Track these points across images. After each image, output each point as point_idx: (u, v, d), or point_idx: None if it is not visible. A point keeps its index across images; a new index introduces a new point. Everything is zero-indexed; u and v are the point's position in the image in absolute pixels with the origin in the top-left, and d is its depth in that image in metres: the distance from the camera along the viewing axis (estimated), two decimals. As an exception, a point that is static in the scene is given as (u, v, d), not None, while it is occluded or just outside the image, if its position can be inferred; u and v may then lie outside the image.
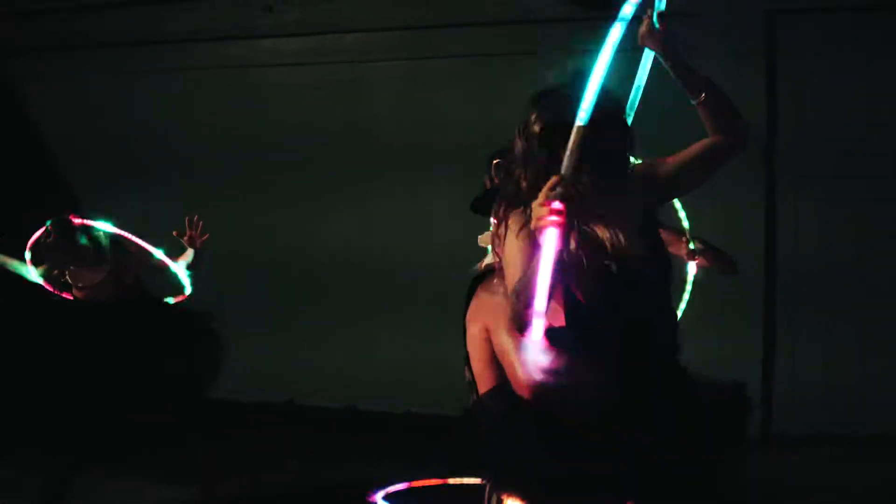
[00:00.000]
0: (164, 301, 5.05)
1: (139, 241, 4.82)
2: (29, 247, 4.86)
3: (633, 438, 2.36)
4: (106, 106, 7.90)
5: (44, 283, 4.90)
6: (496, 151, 2.86)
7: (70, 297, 4.91)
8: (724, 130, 2.54)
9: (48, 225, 4.75)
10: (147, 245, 4.82)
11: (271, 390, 7.37)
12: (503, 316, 2.46)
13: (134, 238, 4.84)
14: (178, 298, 5.03)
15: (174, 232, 4.84)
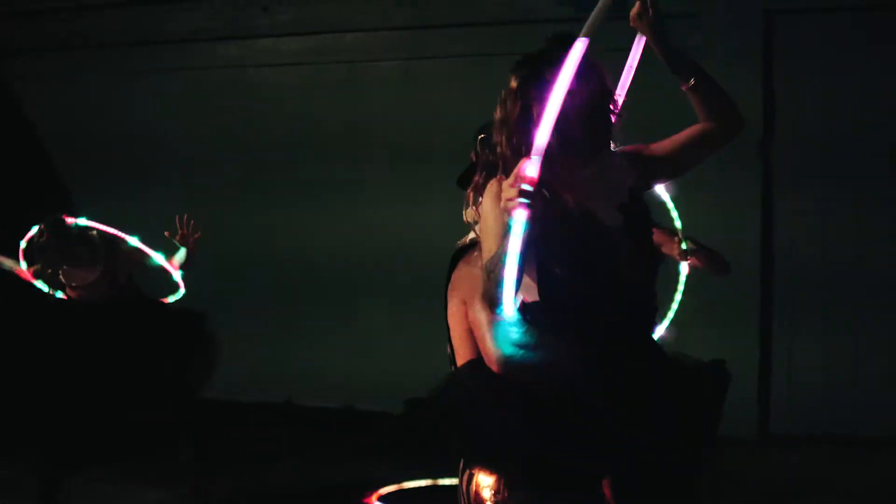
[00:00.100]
0: (158, 301, 5.04)
1: (134, 241, 4.81)
2: (22, 246, 4.86)
3: (610, 414, 2.34)
4: (106, 106, 7.91)
5: (37, 283, 4.90)
6: (482, 125, 2.85)
7: (64, 297, 4.91)
8: (716, 117, 2.52)
9: (41, 224, 4.74)
10: (142, 245, 4.80)
11: (271, 390, 7.37)
12: (478, 289, 2.45)
13: (127, 237, 4.83)
14: (172, 299, 5.02)
15: (166, 232, 4.83)
